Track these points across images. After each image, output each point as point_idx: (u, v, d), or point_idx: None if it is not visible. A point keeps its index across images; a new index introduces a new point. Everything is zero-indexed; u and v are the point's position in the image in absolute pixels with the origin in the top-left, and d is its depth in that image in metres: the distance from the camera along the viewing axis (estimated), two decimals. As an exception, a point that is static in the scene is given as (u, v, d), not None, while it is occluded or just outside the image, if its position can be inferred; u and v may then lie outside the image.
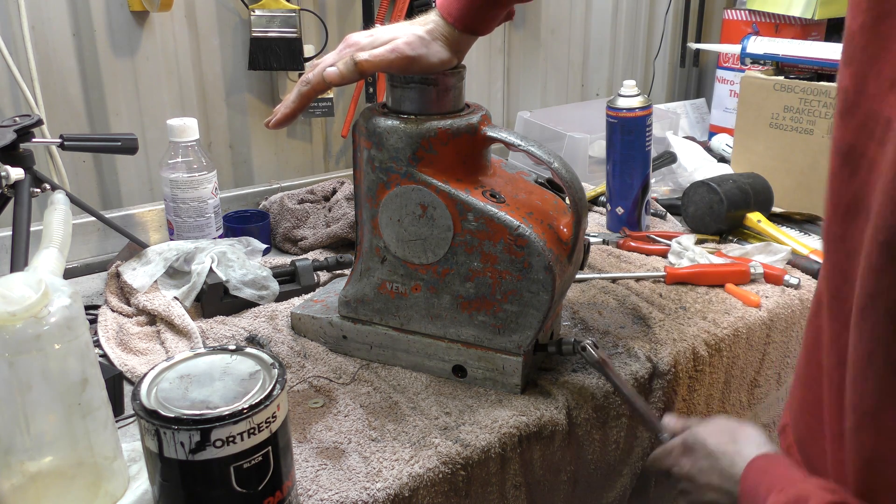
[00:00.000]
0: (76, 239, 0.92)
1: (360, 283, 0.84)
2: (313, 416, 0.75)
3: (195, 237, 1.08)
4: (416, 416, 0.75)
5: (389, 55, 0.73)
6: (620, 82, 1.23)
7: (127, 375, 0.81)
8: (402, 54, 0.73)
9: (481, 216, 0.74)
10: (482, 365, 0.80)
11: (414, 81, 0.76)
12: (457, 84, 0.78)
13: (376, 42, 0.75)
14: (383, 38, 0.75)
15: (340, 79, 0.74)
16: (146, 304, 0.92)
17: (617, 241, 1.18)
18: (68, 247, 0.83)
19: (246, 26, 1.27)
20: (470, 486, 0.72)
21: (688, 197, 1.24)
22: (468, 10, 0.74)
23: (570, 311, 0.97)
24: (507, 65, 1.67)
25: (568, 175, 0.75)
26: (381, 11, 1.38)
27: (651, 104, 1.17)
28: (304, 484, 0.65)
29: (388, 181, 0.77)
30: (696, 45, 1.88)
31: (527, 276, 0.75)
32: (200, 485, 0.54)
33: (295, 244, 1.16)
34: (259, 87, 1.33)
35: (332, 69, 0.75)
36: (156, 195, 1.26)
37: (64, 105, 1.15)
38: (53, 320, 0.55)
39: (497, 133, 0.77)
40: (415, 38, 0.74)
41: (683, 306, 0.99)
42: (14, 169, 0.86)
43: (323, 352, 0.87)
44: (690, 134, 1.76)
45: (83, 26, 1.14)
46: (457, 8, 0.74)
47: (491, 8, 0.75)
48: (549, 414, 0.77)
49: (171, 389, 0.56)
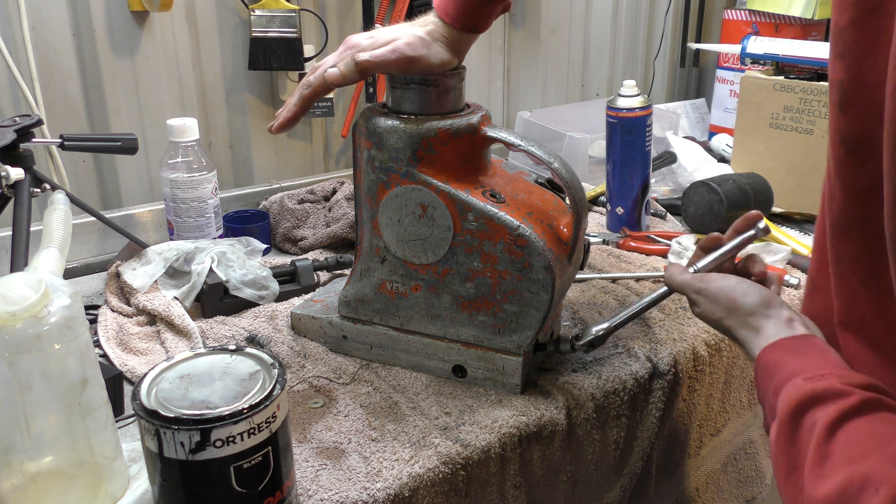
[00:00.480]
0: (76, 239, 0.92)
1: (360, 283, 0.84)
2: (313, 416, 0.75)
3: (195, 237, 1.08)
4: (416, 416, 0.75)
5: (390, 55, 0.73)
6: (620, 82, 1.23)
7: (127, 375, 0.81)
8: (403, 55, 0.74)
9: (481, 216, 0.74)
10: (482, 365, 0.80)
11: (414, 82, 0.76)
12: (457, 85, 0.78)
13: (377, 43, 0.75)
14: (384, 38, 0.75)
15: (342, 79, 0.75)
16: (146, 304, 0.92)
17: (617, 241, 1.18)
18: (68, 247, 0.83)
19: (246, 26, 1.27)
20: (470, 486, 0.72)
21: (688, 197, 1.24)
22: (465, 9, 0.75)
23: (570, 311, 0.97)
24: (507, 65, 1.67)
25: (568, 175, 0.75)
26: (381, 11, 1.38)
27: (651, 104, 1.17)
28: (304, 484, 0.65)
29: (388, 181, 0.77)
30: (696, 45, 1.88)
31: (527, 276, 0.75)
32: (200, 485, 0.54)
33: (295, 244, 1.16)
34: (259, 87, 1.33)
35: (334, 70, 0.75)
36: (156, 195, 1.26)
37: (64, 105, 1.15)
38: (53, 320, 0.55)
39: (497, 133, 0.77)
40: (415, 38, 0.74)
41: (683, 306, 0.99)
42: (14, 169, 0.86)
43: (323, 352, 0.87)
44: (690, 134, 1.76)
45: (83, 26, 1.14)
46: (454, 8, 0.75)
47: (487, 4, 0.76)
48: (548, 414, 0.77)
49: (171, 389, 0.56)
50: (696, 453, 0.96)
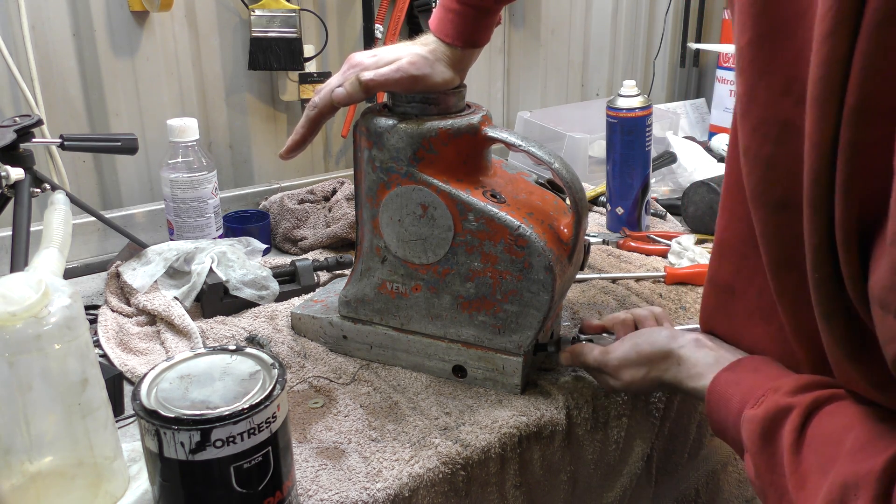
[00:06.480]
0: (76, 239, 0.92)
1: (361, 283, 0.83)
2: (313, 416, 0.75)
3: (195, 237, 1.08)
4: (416, 417, 0.75)
5: (394, 74, 0.74)
6: (620, 82, 1.23)
7: (127, 375, 0.81)
8: (407, 74, 0.75)
9: (482, 216, 0.74)
10: (482, 365, 0.80)
11: (416, 101, 0.77)
12: (457, 103, 0.79)
13: (380, 62, 0.76)
14: (387, 57, 0.76)
15: (348, 99, 0.76)
16: (146, 304, 0.92)
17: (617, 241, 1.18)
18: (68, 247, 0.83)
19: (246, 26, 1.27)
20: (470, 486, 0.72)
21: (688, 197, 1.24)
22: (462, 27, 0.76)
23: (570, 312, 0.97)
24: (507, 65, 1.67)
25: (568, 175, 0.75)
26: (381, 11, 1.38)
27: (651, 104, 1.17)
28: (304, 484, 0.65)
29: (388, 181, 0.77)
30: (696, 45, 1.88)
31: (527, 276, 0.75)
32: (200, 485, 0.54)
33: (295, 244, 1.16)
34: (259, 87, 1.33)
35: (340, 90, 0.76)
36: (156, 195, 1.26)
37: (64, 105, 1.15)
38: (53, 320, 0.55)
39: (497, 133, 0.77)
40: (419, 57, 0.75)
41: (683, 306, 0.99)
42: (14, 169, 0.86)
43: (323, 352, 0.87)
44: (690, 134, 1.76)
45: (83, 26, 1.14)
46: (451, 27, 0.76)
47: (483, 18, 0.77)
48: (548, 414, 0.77)
49: (171, 389, 0.56)
50: (696, 453, 0.96)
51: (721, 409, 0.62)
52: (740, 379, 0.62)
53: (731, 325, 0.68)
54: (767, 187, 0.52)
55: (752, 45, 0.51)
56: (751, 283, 0.63)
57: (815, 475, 0.50)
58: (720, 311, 0.69)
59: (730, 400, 0.61)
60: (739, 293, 0.65)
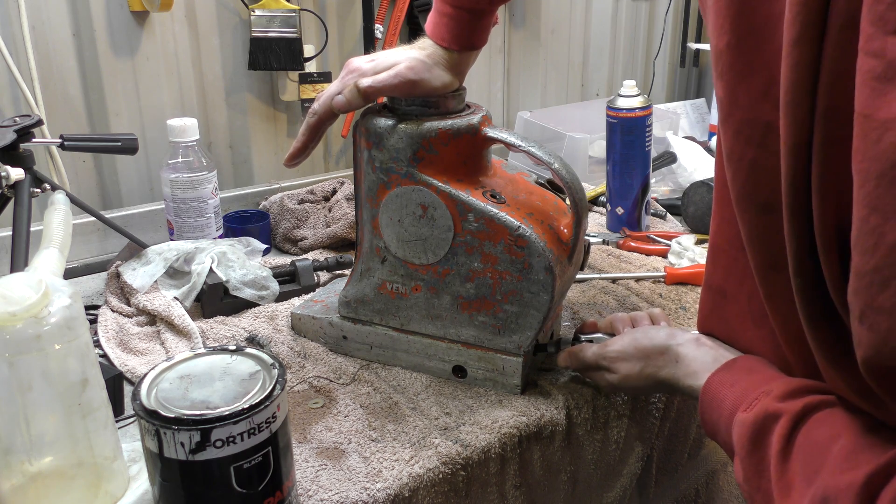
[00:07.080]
0: (76, 239, 0.92)
1: (361, 284, 0.83)
2: (313, 416, 0.75)
3: (195, 237, 1.08)
4: (416, 417, 0.75)
5: (393, 80, 0.75)
6: (620, 82, 1.23)
7: (127, 375, 0.81)
8: (406, 79, 0.75)
9: (482, 217, 0.74)
10: (482, 365, 0.80)
11: (416, 103, 0.77)
12: (457, 105, 0.79)
13: (378, 67, 0.76)
14: (385, 63, 0.76)
15: (347, 106, 0.76)
16: (146, 304, 0.92)
17: (617, 242, 1.18)
18: (68, 247, 0.83)
19: (246, 26, 1.27)
20: (470, 486, 0.72)
21: (688, 197, 1.24)
22: (458, 30, 0.76)
23: (570, 312, 0.97)
24: (507, 65, 1.67)
25: (568, 175, 0.75)
26: (381, 11, 1.38)
27: (651, 104, 1.17)
28: (304, 484, 0.65)
29: (388, 181, 0.77)
30: (696, 45, 1.88)
31: (527, 276, 0.75)
32: (200, 485, 0.54)
33: (295, 244, 1.16)
34: (259, 87, 1.33)
35: (339, 98, 0.76)
36: (156, 195, 1.26)
37: (64, 105, 1.15)
38: (53, 320, 0.55)
39: (497, 133, 0.77)
40: (417, 62, 0.75)
41: (683, 306, 0.99)
42: (14, 169, 0.86)
43: (323, 352, 0.87)
44: (690, 134, 1.76)
45: (83, 26, 1.14)
46: (447, 31, 0.76)
47: (478, 20, 0.77)
48: (548, 414, 0.77)
49: (171, 389, 0.56)
50: (696, 453, 0.96)
51: (714, 410, 0.62)
52: (735, 380, 0.62)
53: (726, 329, 0.68)
54: (752, 190, 0.52)
55: (730, 48, 0.51)
56: (741, 286, 0.63)
57: (799, 484, 0.49)
58: (715, 314, 0.69)
59: (723, 401, 0.61)
60: (731, 296, 0.65)
